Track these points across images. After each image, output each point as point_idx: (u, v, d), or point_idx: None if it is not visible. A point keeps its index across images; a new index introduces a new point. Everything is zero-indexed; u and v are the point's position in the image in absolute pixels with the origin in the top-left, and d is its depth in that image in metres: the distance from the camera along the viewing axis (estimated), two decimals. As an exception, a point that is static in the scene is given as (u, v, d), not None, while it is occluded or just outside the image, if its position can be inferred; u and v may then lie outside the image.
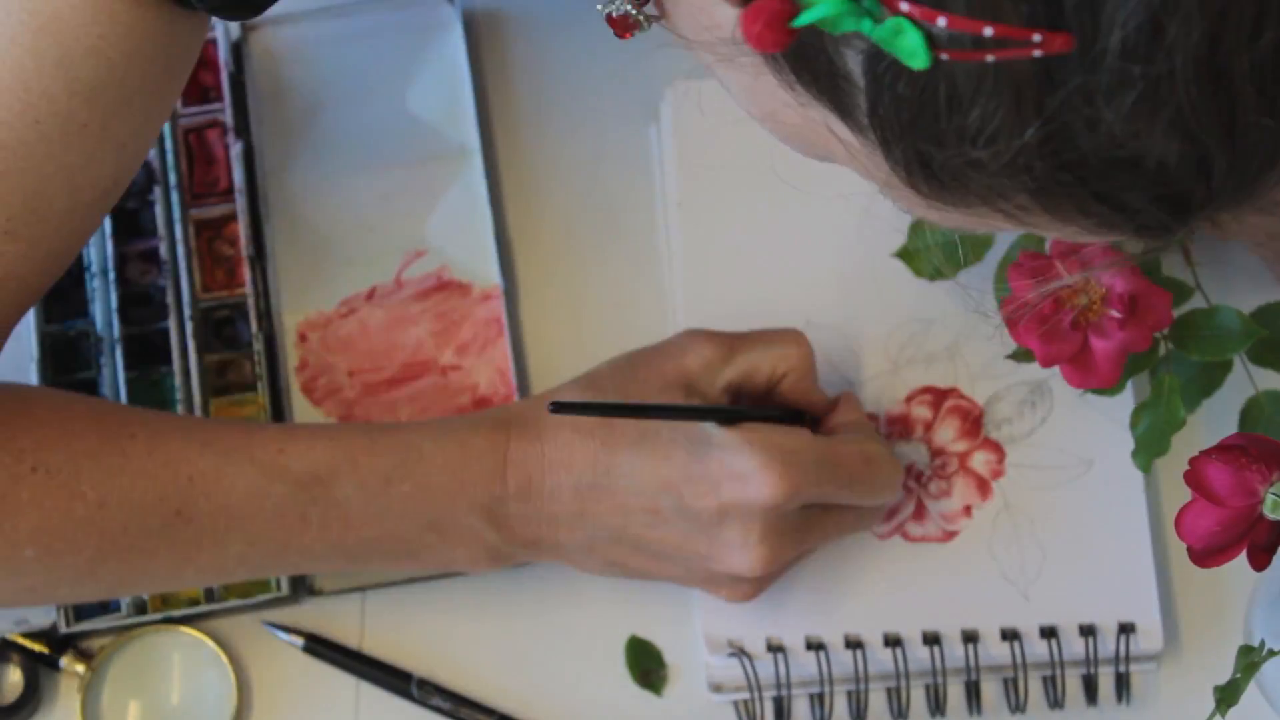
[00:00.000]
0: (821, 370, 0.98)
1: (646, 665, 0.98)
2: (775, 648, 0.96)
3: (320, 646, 0.98)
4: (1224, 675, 0.95)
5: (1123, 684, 0.97)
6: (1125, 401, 0.97)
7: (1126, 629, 0.96)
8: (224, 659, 0.97)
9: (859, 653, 0.96)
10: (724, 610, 0.96)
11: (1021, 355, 0.98)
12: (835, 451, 0.92)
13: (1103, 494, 0.98)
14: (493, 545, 0.92)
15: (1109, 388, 0.93)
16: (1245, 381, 0.94)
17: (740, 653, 0.96)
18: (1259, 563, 0.79)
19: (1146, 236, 0.62)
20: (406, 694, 0.97)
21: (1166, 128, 0.56)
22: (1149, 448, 0.94)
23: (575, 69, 1.03)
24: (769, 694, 0.96)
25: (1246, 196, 0.60)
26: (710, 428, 0.90)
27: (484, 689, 0.98)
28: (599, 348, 1.00)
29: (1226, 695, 0.82)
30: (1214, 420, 0.98)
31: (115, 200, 0.84)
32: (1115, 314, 0.89)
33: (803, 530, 0.93)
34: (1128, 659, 0.96)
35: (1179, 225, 0.60)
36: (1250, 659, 0.82)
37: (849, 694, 0.96)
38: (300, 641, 0.98)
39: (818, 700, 0.96)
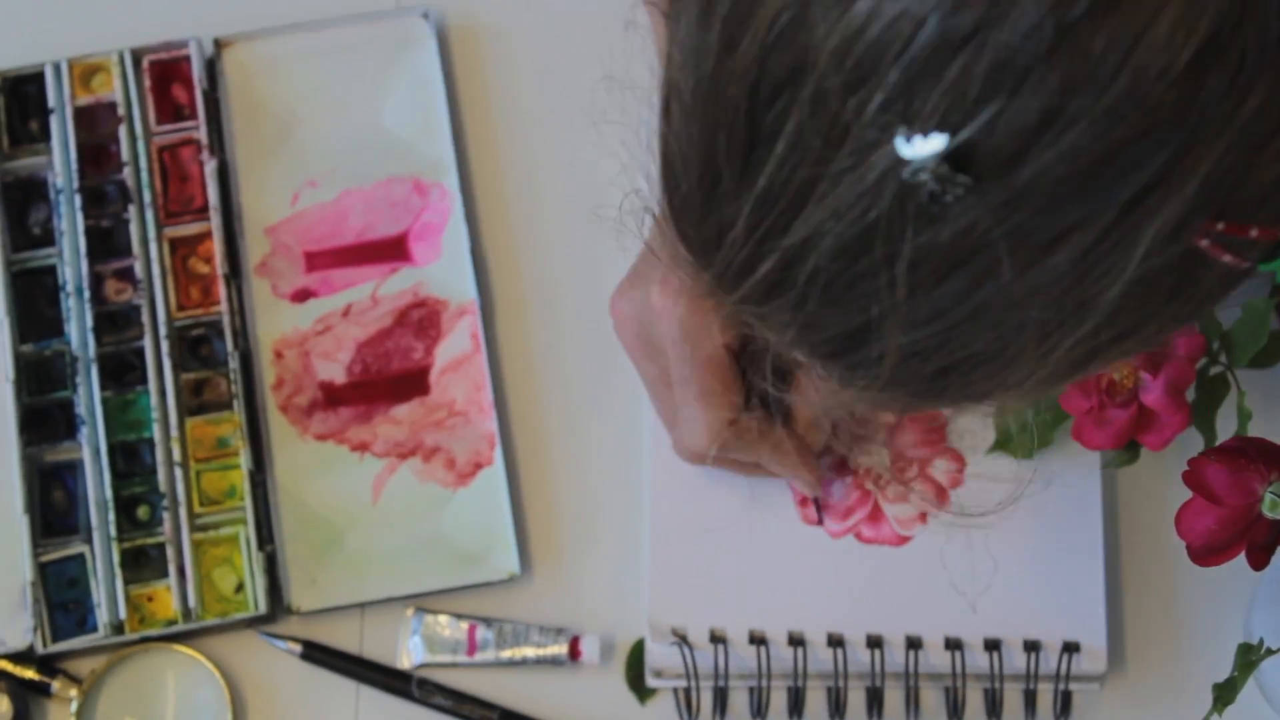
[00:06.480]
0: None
1: (640, 670, 0.98)
2: (718, 639, 0.96)
3: (318, 652, 0.98)
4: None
5: (1064, 703, 0.97)
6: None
7: (1071, 648, 0.96)
8: (218, 675, 0.97)
9: (800, 650, 0.96)
10: (671, 598, 0.96)
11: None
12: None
13: (1059, 513, 0.99)
14: None
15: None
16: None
17: (682, 641, 0.96)
18: (1258, 562, 0.81)
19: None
20: (407, 694, 0.97)
21: None
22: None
23: (550, 82, 1.04)
24: (708, 684, 0.97)
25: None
26: None
27: (485, 691, 0.98)
28: (575, 363, 1.01)
29: (1224, 693, 0.83)
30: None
31: None
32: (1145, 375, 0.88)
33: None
34: (1068, 678, 0.96)
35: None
36: (1248, 657, 0.83)
37: (788, 690, 0.97)
38: (298, 649, 0.97)
39: (756, 694, 0.97)
